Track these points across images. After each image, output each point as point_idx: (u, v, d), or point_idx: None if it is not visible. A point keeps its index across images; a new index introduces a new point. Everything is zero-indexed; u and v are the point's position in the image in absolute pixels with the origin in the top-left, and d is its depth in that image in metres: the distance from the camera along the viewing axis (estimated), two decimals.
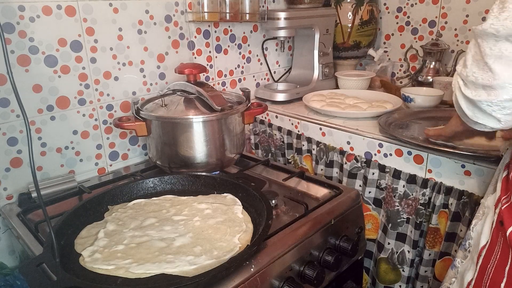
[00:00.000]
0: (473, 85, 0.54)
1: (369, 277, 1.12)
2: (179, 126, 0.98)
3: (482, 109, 0.54)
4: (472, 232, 0.66)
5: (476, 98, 0.53)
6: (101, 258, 0.69)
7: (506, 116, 0.52)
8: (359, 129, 1.08)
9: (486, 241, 0.60)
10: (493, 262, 0.58)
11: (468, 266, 0.65)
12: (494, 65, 0.49)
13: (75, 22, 1.00)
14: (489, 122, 0.55)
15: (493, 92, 0.51)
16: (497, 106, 0.52)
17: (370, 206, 1.07)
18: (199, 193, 0.93)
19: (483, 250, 0.61)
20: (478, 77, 0.52)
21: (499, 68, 0.49)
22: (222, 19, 1.25)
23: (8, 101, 0.93)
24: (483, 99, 0.52)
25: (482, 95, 0.52)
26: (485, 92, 0.52)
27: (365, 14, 1.48)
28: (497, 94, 0.50)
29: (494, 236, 0.59)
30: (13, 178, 0.98)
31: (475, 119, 0.56)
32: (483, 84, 0.51)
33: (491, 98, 0.51)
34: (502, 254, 0.56)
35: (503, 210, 0.57)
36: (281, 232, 0.79)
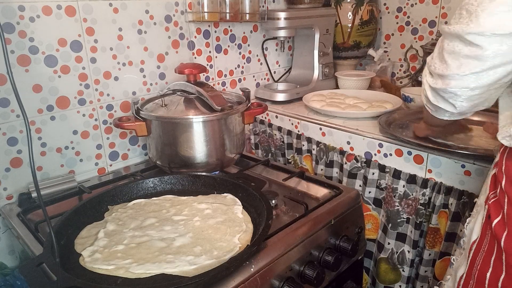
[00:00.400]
0: (435, 75, 0.63)
1: (369, 277, 1.12)
2: (179, 126, 0.98)
3: (441, 95, 0.64)
4: (466, 230, 0.68)
5: (435, 86, 0.63)
6: (101, 258, 0.69)
7: (461, 102, 0.62)
8: (359, 129, 1.08)
9: (477, 236, 0.63)
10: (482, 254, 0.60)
11: (461, 262, 0.67)
12: (448, 58, 0.59)
13: (75, 22, 1.00)
14: (447, 107, 0.65)
15: (446, 81, 0.60)
16: (450, 93, 0.61)
17: (370, 206, 1.07)
18: (199, 193, 0.93)
19: (474, 245, 0.63)
20: (437, 68, 0.62)
21: (451, 61, 0.58)
22: (222, 19, 1.25)
23: (8, 101, 0.93)
24: (439, 87, 0.62)
25: (439, 83, 0.62)
26: (441, 81, 0.62)
27: (365, 14, 1.48)
28: (448, 83, 0.60)
29: (483, 230, 0.62)
30: (13, 178, 0.98)
31: (436, 103, 0.66)
32: (440, 73, 0.61)
33: (444, 86, 0.61)
34: (489, 246, 0.59)
35: (490, 204, 0.60)
36: (281, 232, 0.79)
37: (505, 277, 0.56)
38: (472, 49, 0.54)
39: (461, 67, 0.57)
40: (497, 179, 0.61)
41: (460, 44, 0.56)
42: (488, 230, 0.60)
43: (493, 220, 0.58)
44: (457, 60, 0.57)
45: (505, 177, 0.58)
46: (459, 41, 0.56)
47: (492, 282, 0.58)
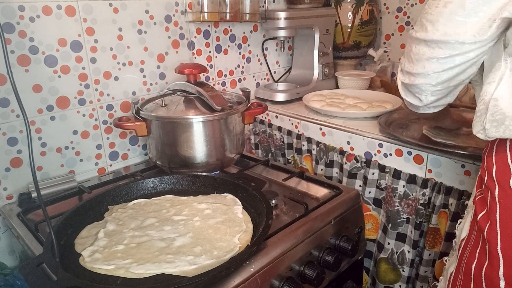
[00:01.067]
0: (404, 72, 0.70)
1: (369, 277, 1.12)
2: (179, 126, 0.98)
3: (409, 90, 0.71)
4: (457, 231, 0.70)
5: (404, 81, 0.70)
6: (101, 258, 0.69)
7: (425, 96, 0.68)
8: (359, 129, 1.08)
9: (466, 234, 0.65)
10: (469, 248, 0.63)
11: (452, 261, 0.69)
12: (414, 59, 0.65)
13: (75, 22, 1.00)
14: (414, 101, 0.71)
15: (412, 78, 0.67)
16: (417, 88, 0.68)
17: (370, 206, 1.07)
18: (199, 193, 0.93)
19: (463, 242, 0.65)
20: (406, 66, 0.68)
21: (416, 61, 0.65)
22: (222, 19, 1.25)
23: (8, 101, 0.93)
24: (407, 82, 0.69)
25: (406, 79, 0.69)
26: (408, 78, 0.68)
27: (365, 14, 1.48)
28: (414, 79, 0.66)
29: (471, 227, 0.64)
30: (13, 178, 0.98)
31: (405, 97, 0.73)
32: (408, 71, 0.67)
33: (411, 82, 0.67)
34: (476, 239, 0.61)
35: (476, 201, 0.63)
36: (281, 232, 0.79)
37: (488, 265, 0.58)
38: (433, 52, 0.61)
39: (424, 67, 0.64)
40: (481, 177, 0.64)
41: (424, 48, 0.62)
42: (475, 225, 0.62)
43: (478, 213, 0.61)
44: (421, 61, 0.64)
45: (487, 173, 0.61)
46: (424, 45, 0.62)
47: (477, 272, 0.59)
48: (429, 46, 0.61)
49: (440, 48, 0.60)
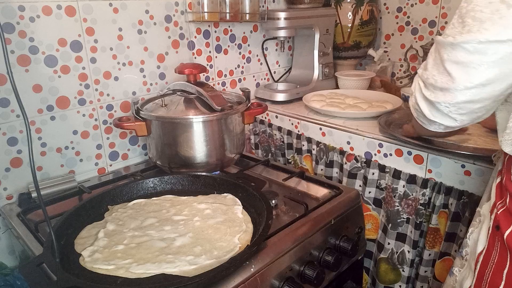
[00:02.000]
0: (432, 87, 0.59)
1: (369, 277, 1.12)
2: (179, 126, 0.98)
3: (440, 110, 0.60)
4: (469, 240, 0.67)
5: (435, 99, 0.59)
6: (101, 258, 0.69)
7: (462, 116, 0.58)
8: (359, 129, 1.08)
9: (482, 247, 0.61)
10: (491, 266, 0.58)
11: (466, 274, 0.65)
12: (452, 70, 0.55)
13: (75, 22, 1.00)
14: (446, 121, 0.61)
15: (450, 95, 0.56)
16: (454, 107, 0.57)
17: (370, 206, 1.07)
18: (199, 193, 0.93)
19: (480, 256, 0.61)
20: (438, 80, 0.57)
21: (456, 73, 0.55)
22: (222, 19, 1.25)
23: (8, 101, 0.93)
24: (441, 100, 0.58)
25: (440, 97, 0.58)
26: (442, 94, 0.58)
27: (365, 14, 1.48)
28: (454, 96, 0.56)
29: (490, 241, 0.59)
30: (13, 178, 0.98)
31: (432, 118, 0.62)
32: (442, 87, 0.57)
33: (448, 100, 0.57)
34: (500, 258, 0.57)
35: (499, 214, 0.58)
36: (281, 232, 0.79)
37: None
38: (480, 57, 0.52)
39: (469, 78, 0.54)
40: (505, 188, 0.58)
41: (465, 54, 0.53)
42: (497, 241, 0.58)
43: (504, 231, 0.56)
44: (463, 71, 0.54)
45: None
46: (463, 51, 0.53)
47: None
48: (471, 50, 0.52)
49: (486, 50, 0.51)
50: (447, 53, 0.55)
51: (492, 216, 0.60)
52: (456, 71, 0.55)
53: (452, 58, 0.54)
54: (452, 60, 0.55)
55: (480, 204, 0.68)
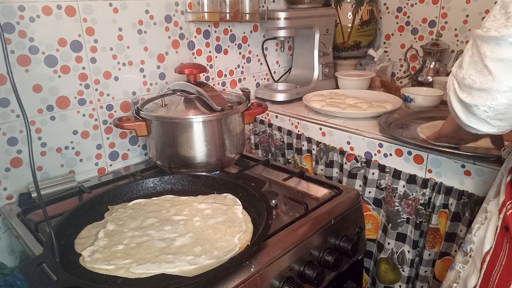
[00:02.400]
0: (469, 88, 0.53)
1: (369, 277, 1.12)
2: (179, 126, 0.98)
3: (477, 114, 0.53)
4: (474, 236, 0.65)
5: (472, 102, 0.52)
6: (101, 258, 0.69)
7: (501, 121, 0.52)
8: (359, 129, 1.08)
9: (490, 246, 0.59)
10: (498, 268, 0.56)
11: (471, 272, 0.64)
12: (495, 68, 0.49)
13: (75, 22, 1.00)
14: (483, 128, 0.54)
15: (490, 96, 0.50)
16: (493, 112, 0.51)
17: (370, 206, 1.07)
18: (199, 193, 0.93)
19: (487, 255, 0.59)
20: (476, 80, 0.51)
21: (499, 71, 0.48)
22: (222, 19, 1.25)
23: (8, 101, 0.93)
24: (480, 103, 0.51)
25: (478, 100, 0.51)
26: (481, 96, 0.51)
27: (365, 14, 1.48)
28: (495, 98, 0.49)
29: (498, 241, 0.58)
30: (13, 178, 0.98)
31: (468, 123, 0.56)
32: (480, 87, 0.51)
33: (488, 103, 0.50)
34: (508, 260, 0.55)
35: (508, 215, 0.55)
36: (281, 232, 0.79)
37: None
38: None
39: None
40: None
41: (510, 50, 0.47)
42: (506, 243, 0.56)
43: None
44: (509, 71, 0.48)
45: None
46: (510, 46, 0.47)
47: None
48: None
49: None
50: (490, 49, 0.49)
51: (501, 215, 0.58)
52: (498, 70, 0.48)
53: (496, 55, 0.48)
54: (495, 57, 0.48)
55: (486, 199, 0.66)
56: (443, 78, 1.31)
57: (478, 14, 1.32)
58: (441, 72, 1.37)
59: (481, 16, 1.32)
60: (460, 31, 1.38)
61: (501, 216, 0.58)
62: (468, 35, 1.36)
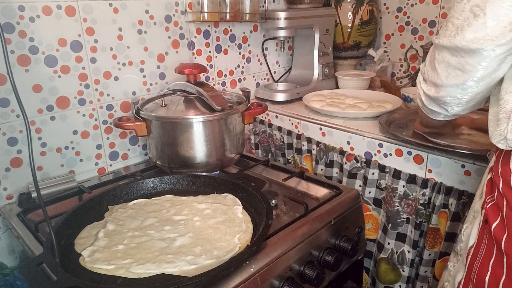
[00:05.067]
0: (428, 81, 0.66)
1: (369, 277, 1.12)
2: (179, 126, 0.98)
3: (434, 101, 0.67)
4: (463, 236, 0.69)
5: (428, 92, 0.67)
6: (101, 258, 0.69)
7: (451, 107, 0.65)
8: (359, 129, 1.08)
9: (474, 241, 0.63)
10: (479, 258, 0.61)
11: (459, 268, 0.67)
12: (439, 68, 0.62)
13: (75, 22, 1.00)
14: (441, 110, 0.68)
15: (437, 89, 0.64)
16: (440, 101, 0.65)
17: (370, 206, 1.07)
18: (199, 193, 0.93)
19: (471, 250, 0.63)
20: (430, 75, 0.64)
21: (440, 70, 0.61)
22: (222, 19, 1.25)
23: (8, 101, 0.93)
24: (432, 94, 0.66)
25: (431, 91, 0.66)
26: (433, 89, 0.65)
27: (365, 14, 1.48)
28: (439, 91, 0.63)
29: (480, 234, 0.62)
30: (13, 178, 0.98)
31: (430, 107, 0.69)
32: (432, 81, 0.64)
33: (436, 94, 0.64)
34: (487, 249, 0.59)
35: (487, 208, 0.60)
36: (281, 232, 0.79)
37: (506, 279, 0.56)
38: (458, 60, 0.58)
39: (448, 77, 0.60)
40: (494, 183, 0.61)
41: (448, 55, 0.59)
42: (485, 234, 0.60)
43: (492, 223, 0.58)
44: (445, 70, 0.61)
45: (502, 180, 0.58)
46: (447, 52, 0.59)
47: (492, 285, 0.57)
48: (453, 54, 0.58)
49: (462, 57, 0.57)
50: (437, 52, 0.62)
51: (483, 211, 0.62)
52: (441, 69, 0.61)
53: (439, 58, 0.61)
54: (439, 59, 0.61)
55: (474, 200, 0.70)
56: None
57: None
58: None
59: None
60: None
61: (483, 211, 0.62)
62: None
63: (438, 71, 0.62)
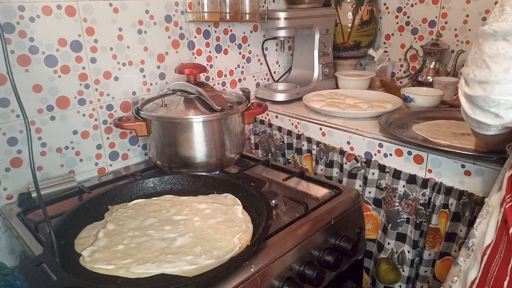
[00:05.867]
0: (471, 82, 0.58)
1: (369, 277, 1.12)
2: (179, 126, 0.98)
3: (479, 106, 0.58)
4: (476, 231, 0.66)
5: (473, 94, 0.57)
6: (101, 258, 0.69)
7: (505, 111, 0.56)
8: (359, 129, 1.08)
9: (491, 240, 0.61)
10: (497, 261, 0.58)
11: (472, 265, 0.64)
12: (491, 62, 0.54)
13: (75, 22, 1.00)
14: (488, 119, 0.58)
15: (489, 88, 0.55)
16: (493, 102, 0.56)
17: (370, 206, 1.07)
18: (199, 193, 0.93)
19: (488, 249, 0.60)
20: (476, 74, 0.56)
21: (494, 65, 0.53)
22: (222, 19, 1.25)
23: (8, 101, 0.93)
24: (479, 94, 0.56)
25: (478, 91, 0.56)
26: (481, 88, 0.56)
27: (365, 14, 1.48)
28: (492, 89, 0.54)
29: (498, 234, 0.59)
30: (13, 178, 0.98)
31: (473, 116, 0.60)
32: (480, 80, 0.56)
33: (486, 93, 0.55)
34: (506, 252, 0.57)
35: (507, 208, 0.57)
36: (281, 232, 0.79)
37: None
38: None
39: (508, 71, 0.52)
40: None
41: (506, 45, 0.52)
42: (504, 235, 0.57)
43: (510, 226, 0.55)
44: (503, 63, 0.52)
45: None
46: (505, 42, 0.52)
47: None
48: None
49: None
50: (488, 45, 0.54)
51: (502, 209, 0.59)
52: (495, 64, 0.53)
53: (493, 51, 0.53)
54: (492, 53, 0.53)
55: (490, 194, 0.67)
56: (443, 78, 1.31)
57: (478, 14, 1.32)
58: (441, 72, 1.37)
59: (481, 16, 1.32)
60: (460, 31, 1.38)
61: (501, 210, 0.59)
62: (468, 35, 1.36)
63: (491, 66, 0.53)
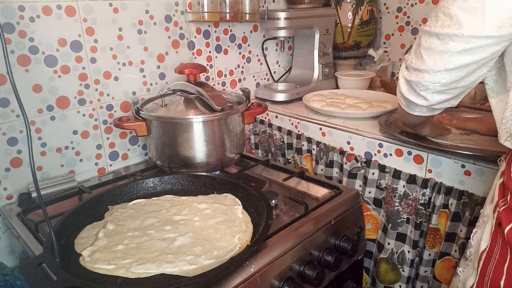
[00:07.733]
0: (410, 68, 0.68)
1: (369, 277, 1.12)
2: (179, 126, 0.98)
3: (413, 88, 0.69)
4: (473, 240, 0.68)
5: (409, 78, 0.68)
6: (101, 258, 0.69)
7: (431, 95, 0.67)
8: (359, 129, 1.08)
9: (486, 245, 0.63)
10: (493, 262, 0.60)
11: (470, 273, 0.66)
12: (425, 54, 0.64)
13: (75, 22, 1.00)
14: (418, 99, 0.70)
15: (420, 75, 0.66)
16: (423, 86, 0.67)
17: (370, 206, 1.07)
18: (199, 193, 0.93)
19: (483, 254, 0.62)
20: (413, 62, 0.67)
21: (426, 56, 0.64)
22: (222, 19, 1.25)
23: (8, 101, 0.93)
24: (413, 79, 0.67)
25: (413, 76, 0.67)
26: (415, 74, 0.67)
27: (365, 14, 1.48)
28: (423, 76, 0.65)
29: (493, 238, 0.61)
30: (13, 178, 0.98)
31: (408, 96, 0.71)
32: (415, 68, 0.66)
33: (419, 79, 0.66)
34: (501, 252, 0.58)
35: (500, 212, 0.60)
36: (281, 232, 0.79)
37: None
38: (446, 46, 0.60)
39: (435, 63, 0.62)
40: (506, 187, 0.61)
41: (437, 42, 0.61)
42: (498, 238, 0.59)
43: (505, 227, 0.58)
44: (432, 56, 0.62)
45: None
46: (437, 39, 0.61)
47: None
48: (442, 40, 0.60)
49: (453, 41, 0.59)
50: (424, 40, 0.64)
51: (495, 214, 0.61)
52: (427, 56, 0.63)
53: (427, 45, 0.63)
54: (426, 46, 0.63)
55: (484, 205, 0.69)
56: None
57: None
58: None
59: None
60: None
61: (495, 215, 0.62)
62: None
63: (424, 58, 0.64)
